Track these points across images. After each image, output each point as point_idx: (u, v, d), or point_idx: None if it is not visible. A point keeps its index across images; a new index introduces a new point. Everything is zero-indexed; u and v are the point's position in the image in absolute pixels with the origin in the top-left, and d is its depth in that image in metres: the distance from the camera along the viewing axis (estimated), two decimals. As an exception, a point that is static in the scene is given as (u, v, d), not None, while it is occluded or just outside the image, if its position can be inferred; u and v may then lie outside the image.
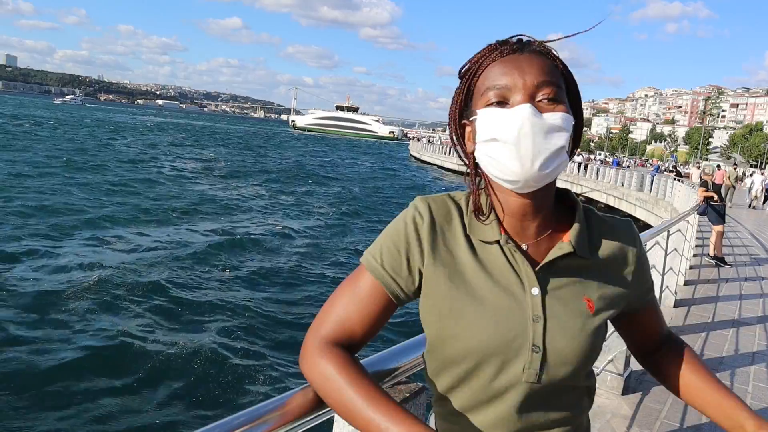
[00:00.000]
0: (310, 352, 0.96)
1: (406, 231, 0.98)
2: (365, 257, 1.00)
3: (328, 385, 0.92)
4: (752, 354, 5.05)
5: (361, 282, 0.98)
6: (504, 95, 0.93)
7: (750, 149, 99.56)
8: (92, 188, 21.77)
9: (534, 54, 0.95)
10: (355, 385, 0.91)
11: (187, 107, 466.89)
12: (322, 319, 0.99)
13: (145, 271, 11.31)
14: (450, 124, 1.03)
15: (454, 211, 1.01)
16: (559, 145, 0.91)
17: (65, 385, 6.60)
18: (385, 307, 0.98)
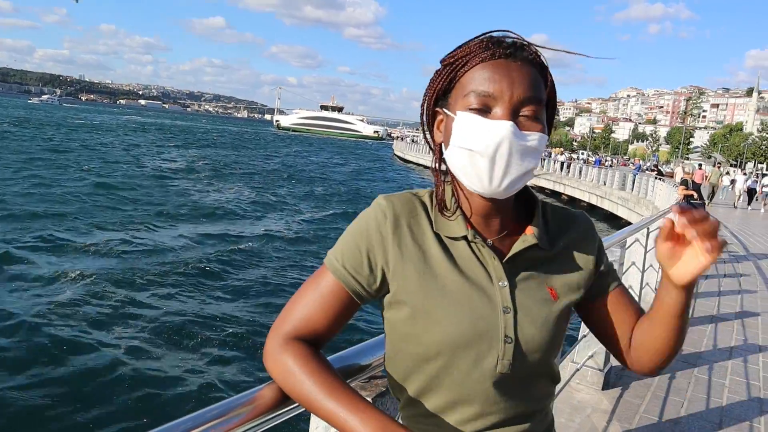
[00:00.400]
0: (272, 348, 0.96)
1: (368, 230, 0.97)
2: (327, 257, 0.99)
3: (289, 378, 0.93)
4: (730, 349, 5.13)
5: (323, 281, 0.98)
6: (487, 103, 0.91)
7: (730, 149, 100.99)
8: (66, 189, 21.46)
9: (525, 63, 0.93)
10: (315, 377, 0.91)
11: (170, 107, 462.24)
12: (284, 318, 0.99)
13: (123, 272, 11.20)
14: (423, 107, 1.01)
15: (418, 207, 1.00)
16: (530, 167, 0.93)
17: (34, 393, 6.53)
18: (347, 305, 0.98)
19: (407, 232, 0.97)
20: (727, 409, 3.82)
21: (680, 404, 3.81)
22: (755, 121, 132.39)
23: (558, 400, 3.47)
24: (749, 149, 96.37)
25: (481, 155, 0.90)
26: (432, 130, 1.02)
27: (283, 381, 0.94)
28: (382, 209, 0.98)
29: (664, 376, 4.28)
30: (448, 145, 0.97)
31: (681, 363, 4.60)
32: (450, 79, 0.96)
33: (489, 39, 0.94)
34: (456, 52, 0.96)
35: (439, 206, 1.00)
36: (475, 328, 0.93)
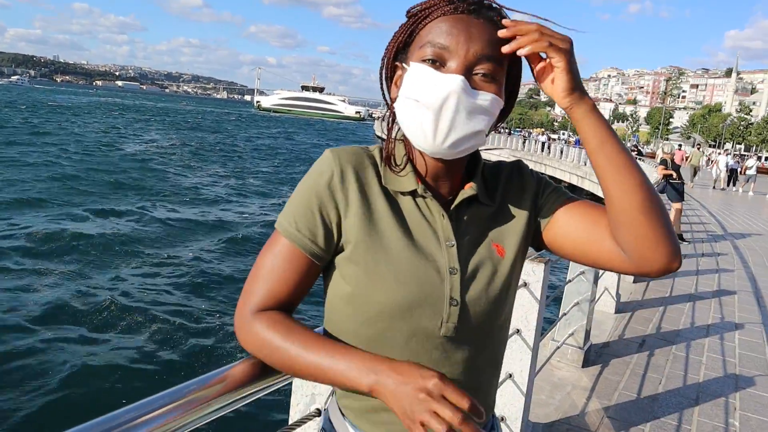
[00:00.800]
0: (242, 325, 0.93)
1: (317, 187, 0.93)
2: (279, 222, 0.95)
3: (265, 347, 0.90)
4: (707, 326, 5.21)
5: (278, 248, 0.94)
6: (441, 56, 0.88)
7: (709, 129, 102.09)
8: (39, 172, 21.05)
9: (488, 22, 0.89)
10: (290, 338, 0.89)
11: (147, 88, 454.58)
12: (249, 291, 0.95)
13: (103, 252, 11.07)
14: (383, 60, 0.97)
15: (366, 160, 0.96)
16: (478, 128, 0.89)
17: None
18: (307, 269, 0.94)
19: (355, 184, 0.93)
20: (703, 385, 3.89)
21: (658, 381, 3.86)
22: (734, 101, 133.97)
23: (539, 378, 3.50)
24: (728, 130, 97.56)
25: (427, 107, 0.87)
26: (390, 86, 0.98)
27: (260, 351, 0.91)
28: (329, 163, 0.94)
29: (643, 353, 4.34)
30: (397, 97, 0.94)
31: (659, 341, 4.67)
32: (411, 32, 0.93)
33: None
34: (420, 4, 0.93)
35: (387, 161, 0.96)
36: (421, 289, 0.90)
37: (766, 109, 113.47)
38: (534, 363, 2.65)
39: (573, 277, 4.02)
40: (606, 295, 5.24)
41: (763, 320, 5.59)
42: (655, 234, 0.89)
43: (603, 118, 0.91)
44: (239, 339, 0.94)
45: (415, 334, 0.91)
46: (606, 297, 5.24)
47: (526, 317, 2.58)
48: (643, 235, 0.89)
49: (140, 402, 0.82)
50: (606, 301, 5.25)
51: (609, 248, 0.94)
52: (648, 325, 5.07)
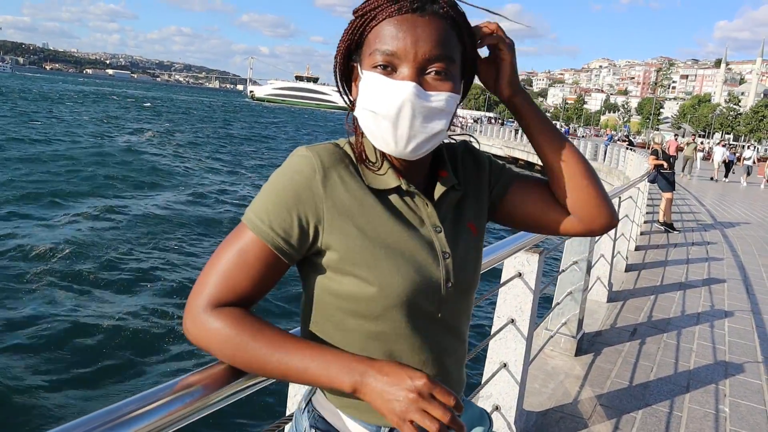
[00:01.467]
0: (197, 316, 0.87)
1: (295, 185, 0.89)
2: (249, 218, 0.90)
3: (228, 343, 0.86)
4: (697, 315, 5.27)
5: (244, 243, 0.89)
6: (391, 62, 0.88)
7: (698, 120, 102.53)
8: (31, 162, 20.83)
9: (434, 17, 0.88)
10: (259, 334, 0.85)
11: (139, 77, 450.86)
12: (204, 284, 0.89)
13: (95, 245, 11.01)
14: (337, 60, 0.96)
15: (344, 159, 0.94)
16: (437, 129, 0.90)
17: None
18: (274, 267, 0.90)
19: (339, 184, 0.90)
20: (694, 372, 3.94)
21: (650, 369, 3.91)
22: (723, 92, 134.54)
23: (532, 367, 3.53)
24: (717, 120, 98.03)
25: (384, 117, 0.87)
26: (350, 85, 0.98)
27: (219, 348, 0.86)
28: (309, 162, 0.90)
29: (635, 341, 4.38)
30: (357, 104, 0.94)
31: (651, 329, 4.71)
32: (359, 34, 0.91)
33: None
34: (366, 4, 0.91)
35: (362, 161, 0.95)
36: (422, 277, 0.92)
37: (755, 100, 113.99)
38: (528, 352, 2.67)
39: (566, 266, 4.05)
40: (598, 284, 5.28)
41: (752, 308, 5.65)
42: (597, 194, 1.06)
43: (537, 106, 1.05)
44: (191, 335, 0.88)
45: (419, 320, 0.94)
46: (598, 286, 5.28)
47: (520, 307, 2.60)
48: (589, 196, 1.05)
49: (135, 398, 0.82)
50: (598, 290, 5.29)
51: (559, 214, 1.08)
52: (639, 313, 5.12)
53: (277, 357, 0.84)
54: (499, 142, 41.71)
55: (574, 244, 4.07)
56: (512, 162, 38.04)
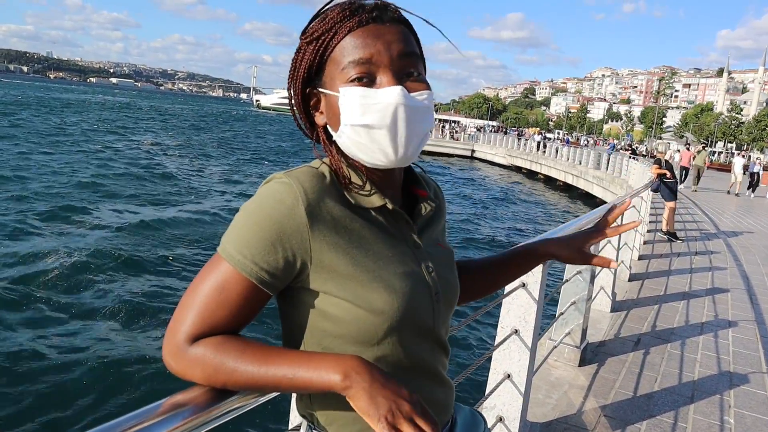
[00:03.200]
0: (178, 351, 0.84)
1: (277, 217, 0.85)
2: (228, 252, 0.85)
3: (213, 371, 0.83)
4: (701, 324, 5.25)
5: (225, 279, 0.85)
6: (369, 71, 0.88)
7: (701, 128, 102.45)
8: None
9: (393, 23, 0.90)
10: (242, 356, 0.83)
11: (142, 85, 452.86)
12: (181, 319, 0.85)
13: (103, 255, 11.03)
14: (291, 90, 0.95)
15: (325, 182, 0.90)
16: (428, 128, 0.92)
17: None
18: (258, 301, 0.87)
19: (324, 211, 0.87)
20: (698, 383, 3.92)
21: (654, 379, 3.89)
22: (725, 101, 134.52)
23: (536, 377, 3.52)
24: (719, 129, 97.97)
25: (379, 128, 0.87)
26: (309, 113, 0.97)
27: (205, 374, 0.84)
28: (290, 189, 0.86)
29: (639, 351, 4.37)
30: (336, 125, 0.91)
31: (655, 339, 4.70)
32: (320, 56, 0.90)
33: (349, 5, 0.90)
34: (317, 26, 0.90)
35: (345, 183, 0.93)
36: (417, 292, 0.93)
37: (757, 109, 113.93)
38: (532, 363, 2.66)
39: (570, 276, 4.05)
40: (602, 294, 5.26)
41: (756, 318, 5.63)
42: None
43: None
44: (173, 369, 0.85)
45: (417, 338, 0.94)
46: (602, 296, 5.27)
47: (524, 317, 2.60)
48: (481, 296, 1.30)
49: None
50: (602, 300, 5.28)
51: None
52: (643, 323, 5.10)
53: (264, 370, 0.82)
54: (503, 151, 41.74)
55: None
56: (515, 171, 38.05)
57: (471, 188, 27.85)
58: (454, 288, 1.05)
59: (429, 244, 1.02)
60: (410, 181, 1.05)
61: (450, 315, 1.05)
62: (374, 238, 0.92)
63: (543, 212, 23.04)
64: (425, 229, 1.03)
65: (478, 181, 31.53)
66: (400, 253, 0.94)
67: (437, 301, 0.98)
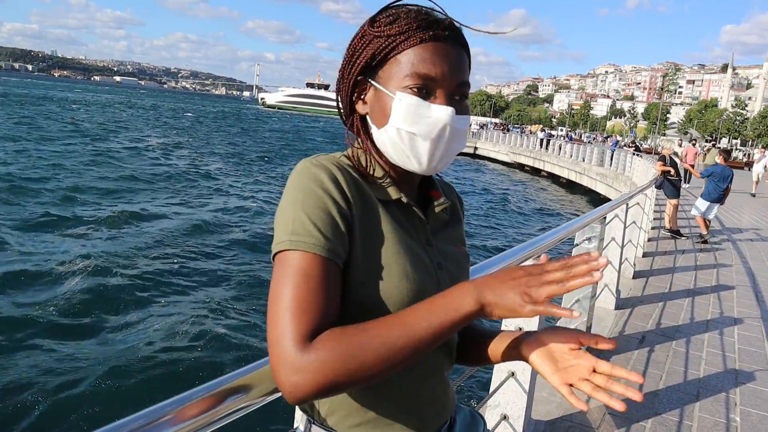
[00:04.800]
0: (295, 363, 0.76)
1: (322, 186, 0.86)
2: (291, 242, 0.82)
3: (347, 359, 0.76)
4: (706, 322, 5.23)
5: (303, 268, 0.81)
6: (428, 86, 0.91)
7: (705, 125, 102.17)
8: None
9: (458, 46, 0.94)
10: (365, 333, 0.78)
11: (146, 84, 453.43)
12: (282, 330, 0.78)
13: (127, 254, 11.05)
14: (345, 73, 0.97)
15: (348, 170, 0.93)
16: (462, 148, 0.98)
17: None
18: (337, 277, 0.85)
19: (353, 189, 0.91)
20: (704, 380, 3.91)
21: (659, 377, 3.88)
22: (729, 97, 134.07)
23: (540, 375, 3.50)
24: (724, 125, 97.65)
25: (424, 138, 0.92)
26: (352, 98, 0.99)
27: (344, 369, 0.76)
28: (326, 170, 0.89)
29: (644, 349, 4.35)
30: (381, 122, 0.95)
31: (660, 336, 4.68)
32: (386, 53, 0.93)
33: (426, 15, 0.93)
34: (392, 28, 0.92)
35: (365, 173, 0.97)
36: (423, 284, 0.93)
37: (762, 104, 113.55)
38: (537, 360, 2.65)
39: (574, 273, 4.03)
40: (606, 291, 5.25)
41: (761, 315, 5.61)
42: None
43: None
44: (301, 387, 0.75)
45: None
46: (606, 293, 5.25)
47: (528, 315, 2.58)
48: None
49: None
50: (606, 297, 5.26)
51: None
52: (648, 321, 5.08)
53: (397, 333, 0.77)
54: (505, 148, 41.69)
55: (582, 251, 4.05)
56: (518, 168, 38.01)
57: (474, 185, 27.81)
58: None
59: (442, 243, 1.04)
60: (427, 184, 1.09)
61: None
62: (388, 228, 0.94)
63: (545, 209, 23.00)
64: (438, 230, 1.05)
65: (480, 178, 31.49)
66: (412, 246, 0.95)
67: None
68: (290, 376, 0.75)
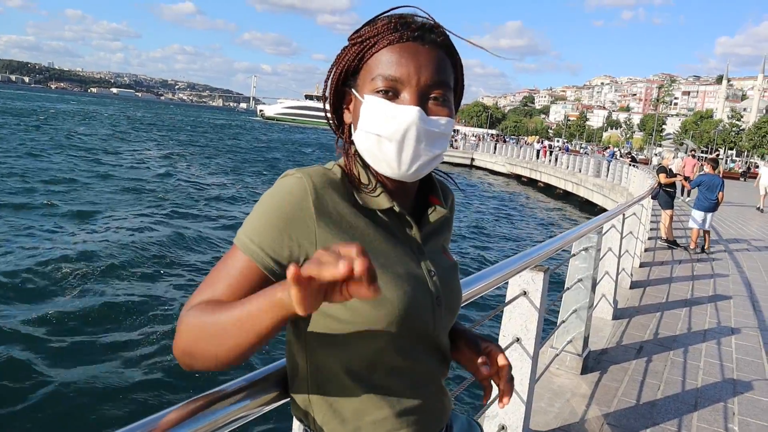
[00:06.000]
0: (180, 317, 0.86)
1: (285, 206, 0.88)
2: (238, 238, 0.89)
3: (195, 327, 0.82)
4: (704, 332, 5.23)
5: (234, 265, 0.88)
6: (395, 87, 0.91)
7: (701, 135, 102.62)
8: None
9: (433, 46, 0.93)
10: (217, 308, 0.82)
11: (143, 95, 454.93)
12: (191, 299, 0.88)
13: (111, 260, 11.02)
14: (328, 85, 0.99)
15: (336, 181, 0.94)
16: (437, 152, 0.94)
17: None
18: (260, 283, 0.87)
19: (331, 206, 0.90)
20: (702, 390, 3.90)
21: (657, 387, 3.87)
22: (725, 108, 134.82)
23: (538, 386, 3.49)
24: (719, 136, 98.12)
25: (389, 140, 0.90)
26: (341, 109, 1.01)
27: (192, 337, 0.83)
28: (300, 183, 0.89)
29: (641, 359, 4.35)
30: (356, 127, 0.96)
31: (657, 346, 4.68)
32: (358, 59, 0.94)
33: (398, 19, 0.93)
34: (363, 32, 0.94)
35: (355, 183, 0.96)
36: (419, 292, 0.94)
37: (757, 115, 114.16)
38: (534, 371, 2.65)
39: (571, 284, 4.03)
40: (603, 301, 5.25)
41: (759, 325, 5.61)
42: None
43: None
44: (174, 343, 0.86)
45: (414, 339, 0.95)
46: (603, 304, 5.25)
47: (525, 326, 2.59)
48: None
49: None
50: (603, 307, 5.26)
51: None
52: (645, 331, 5.08)
53: (226, 316, 0.79)
54: (502, 160, 41.79)
55: (578, 262, 4.06)
56: (515, 179, 38.09)
57: (470, 196, 27.83)
58: (456, 294, 1.05)
59: (433, 250, 1.03)
60: (428, 188, 1.07)
61: (451, 322, 1.05)
62: (378, 238, 0.94)
63: (542, 220, 23.03)
64: (431, 236, 1.04)
65: (477, 189, 31.53)
66: (403, 255, 0.95)
67: (438, 305, 0.98)
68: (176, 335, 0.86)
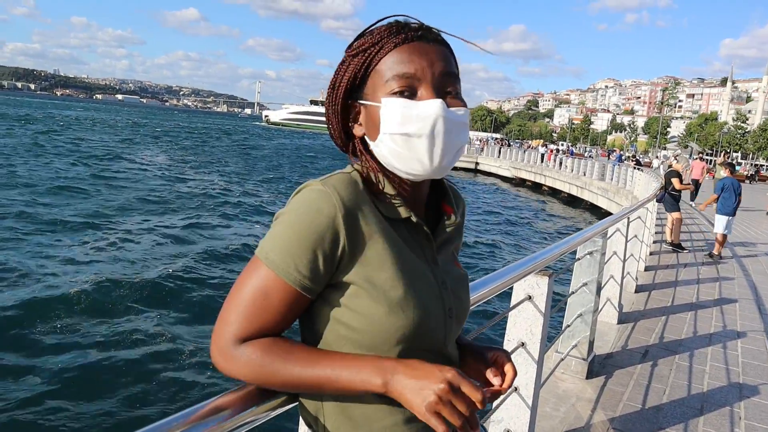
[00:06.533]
0: (226, 352, 0.89)
1: (318, 226, 0.88)
2: (271, 259, 0.89)
3: (261, 371, 0.88)
4: (709, 336, 5.22)
5: (267, 285, 0.89)
6: (411, 85, 0.92)
7: (706, 138, 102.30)
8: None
9: (436, 43, 0.95)
10: (288, 357, 0.88)
11: (148, 102, 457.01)
12: (227, 321, 0.90)
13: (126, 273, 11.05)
14: (331, 100, 0.98)
15: (359, 190, 0.94)
16: (464, 142, 0.96)
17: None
18: (299, 305, 0.91)
19: (360, 219, 0.91)
20: (708, 394, 3.89)
21: (662, 391, 3.86)
22: (729, 110, 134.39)
23: (543, 390, 3.50)
24: (724, 138, 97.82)
25: (419, 137, 0.91)
26: (347, 124, 1.00)
27: (255, 378, 0.89)
28: (328, 199, 0.89)
29: (647, 363, 4.34)
30: (374, 135, 0.95)
31: (662, 350, 4.67)
32: (365, 68, 0.94)
33: (396, 24, 0.95)
34: (364, 41, 0.95)
35: (376, 191, 0.96)
36: (434, 305, 0.96)
37: (762, 118, 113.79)
38: (539, 376, 2.65)
39: (576, 288, 4.03)
40: (608, 305, 5.24)
41: (765, 328, 5.59)
42: None
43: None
44: (222, 368, 0.90)
45: (425, 349, 0.95)
46: (608, 308, 5.24)
47: (530, 330, 2.59)
48: None
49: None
50: (609, 311, 5.25)
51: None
52: (651, 335, 5.07)
53: (309, 372, 0.87)
54: (507, 164, 41.72)
55: (584, 266, 4.06)
56: (520, 183, 38.02)
57: (475, 201, 27.79)
58: (465, 307, 1.06)
59: (446, 261, 1.04)
60: (439, 195, 1.08)
61: (459, 333, 1.06)
62: (398, 249, 0.94)
63: (547, 224, 22.98)
64: (444, 245, 1.05)
65: (482, 193, 31.49)
66: (419, 267, 0.96)
67: (450, 317, 0.99)
68: (217, 357, 0.90)
